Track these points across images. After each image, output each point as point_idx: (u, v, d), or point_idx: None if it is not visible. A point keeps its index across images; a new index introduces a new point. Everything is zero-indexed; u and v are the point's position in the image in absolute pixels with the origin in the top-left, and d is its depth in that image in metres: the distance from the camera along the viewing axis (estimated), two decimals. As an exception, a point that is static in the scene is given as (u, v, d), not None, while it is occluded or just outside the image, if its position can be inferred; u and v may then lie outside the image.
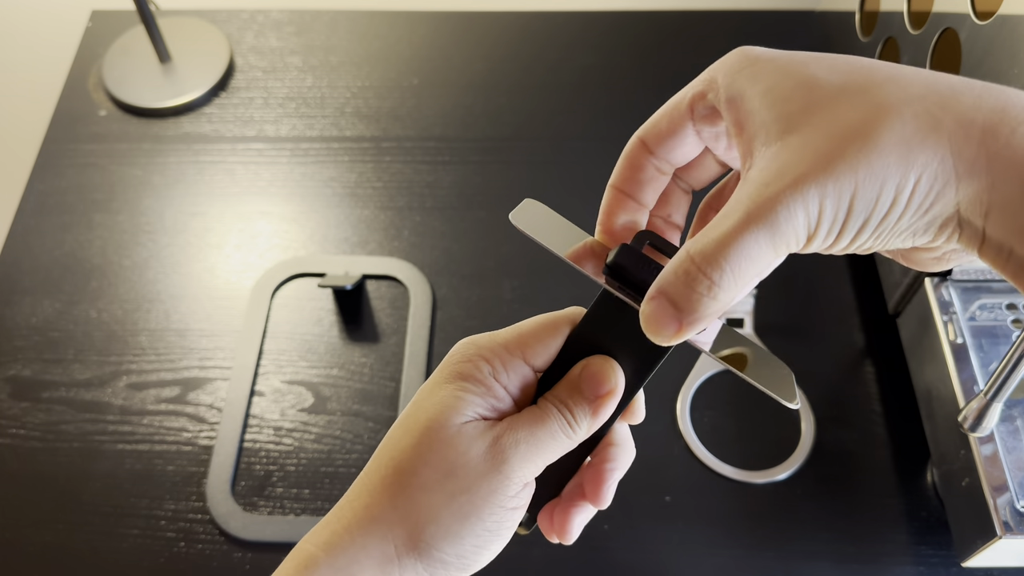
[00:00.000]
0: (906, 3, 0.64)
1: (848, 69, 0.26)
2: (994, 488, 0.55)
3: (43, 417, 0.70)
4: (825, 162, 0.24)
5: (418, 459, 0.31)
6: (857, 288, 0.75)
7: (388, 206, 0.81)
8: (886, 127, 0.24)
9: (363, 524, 0.31)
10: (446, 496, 0.31)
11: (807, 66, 0.27)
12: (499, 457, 0.31)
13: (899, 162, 0.24)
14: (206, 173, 0.84)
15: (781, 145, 0.25)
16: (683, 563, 0.63)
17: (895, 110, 0.24)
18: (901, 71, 0.26)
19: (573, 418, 0.32)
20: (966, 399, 0.58)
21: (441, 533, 0.31)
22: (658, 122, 0.31)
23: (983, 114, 0.24)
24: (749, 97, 0.27)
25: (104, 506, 0.66)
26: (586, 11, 0.95)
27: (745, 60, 0.28)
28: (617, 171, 0.33)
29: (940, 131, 0.24)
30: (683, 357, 0.71)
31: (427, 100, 0.88)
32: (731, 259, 0.25)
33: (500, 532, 0.32)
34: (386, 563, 0.31)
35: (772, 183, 0.24)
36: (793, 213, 0.24)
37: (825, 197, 0.24)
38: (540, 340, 0.33)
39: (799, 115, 0.25)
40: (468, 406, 0.32)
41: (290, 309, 0.75)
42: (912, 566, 0.62)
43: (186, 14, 0.94)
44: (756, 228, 0.24)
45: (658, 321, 0.27)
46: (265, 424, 0.69)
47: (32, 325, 0.75)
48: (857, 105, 0.25)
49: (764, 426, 0.68)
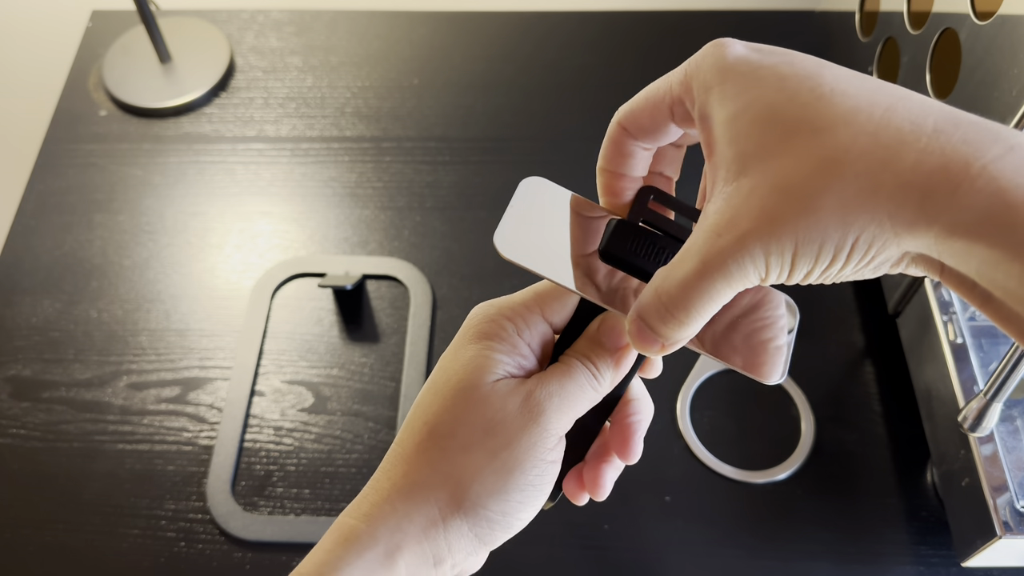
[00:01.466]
0: (906, 3, 0.64)
1: (808, 99, 0.26)
2: (994, 488, 0.55)
3: (43, 417, 0.70)
4: (768, 221, 0.26)
5: (454, 420, 0.32)
6: (857, 288, 0.75)
7: (388, 206, 0.81)
8: (827, 190, 0.25)
9: (403, 491, 0.32)
10: (488, 453, 0.31)
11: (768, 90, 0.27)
12: (536, 410, 0.32)
13: (838, 224, 0.25)
14: (206, 173, 0.84)
15: (735, 188, 0.27)
16: (683, 563, 0.63)
17: (838, 170, 0.25)
18: (856, 107, 0.26)
19: (597, 370, 0.33)
20: (966, 399, 0.58)
21: (487, 490, 0.31)
22: (639, 115, 0.32)
23: (923, 176, 0.24)
24: (715, 123, 0.28)
25: (104, 506, 0.66)
26: (585, 11, 0.95)
27: (715, 75, 0.28)
28: (603, 155, 0.34)
29: (879, 195, 0.25)
30: (683, 357, 0.71)
31: (427, 100, 0.88)
32: (693, 302, 0.28)
33: (542, 486, 0.32)
34: (430, 527, 0.31)
35: (723, 234, 0.27)
36: (742, 266, 0.26)
37: (769, 254, 0.26)
38: (556, 298, 0.34)
39: (752, 157, 0.27)
40: (497, 364, 0.32)
41: (290, 309, 0.75)
42: (912, 566, 0.62)
43: (186, 14, 0.94)
44: (712, 277, 0.27)
45: (642, 341, 0.30)
46: (265, 424, 0.69)
47: (32, 325, 0.75)
48: (804, 156, 0.26)
49: (764, 426, 0.68)
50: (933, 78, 0.60)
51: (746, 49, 0.28)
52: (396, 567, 0.31)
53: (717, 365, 0.71)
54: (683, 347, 0.31)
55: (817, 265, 0.26)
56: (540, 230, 0.33)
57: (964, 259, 0.24)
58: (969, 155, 0.24)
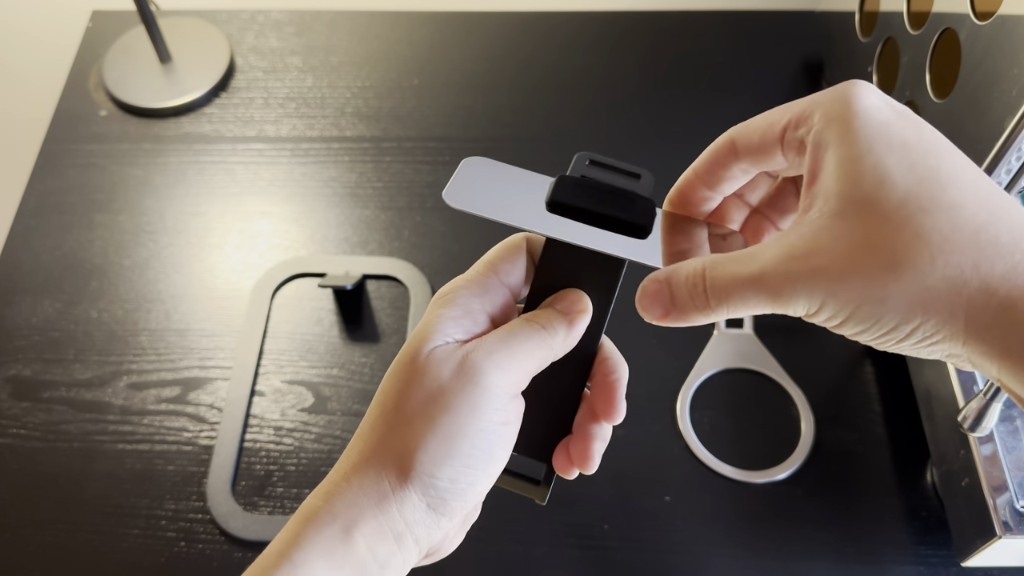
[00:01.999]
0: (906, 3, 0.64)
1: (924, 175, 0.27)
2: (994, 488, 0.55)
3: (44, 417, 0.70)
4: (846, 269, 0.26)
5: (399, 395, 0.32)
6: (857, 288, 0.75)
7: (388, 206, 0.81)
8: (913, 267, 0.25)
9: (357, 467, 0.32)
10: (428, 421, 0.31)
11: (892, 151, 0.27)
12: (472, 370, 0.31)
13: (909, 306, 0.26)
14: (207, 173, 0.84)
15: (828, 225, 0.27)
16: (683, 563, 0.63)
17: (930, 257, 0.25)
18: (964, 201, 0.26)
19: (549, 323, 0.33)
20: (966, 399, 0.58)
21: (429, 457, 0.31)
22: (751, 133, 0.32)
23: (1010, 286, 0.25)
24: (830, 156, 0.28)
25: (104, 506, 0.66)
26: (586, 11, 0.95)
27: (846, 110, 0.28)
28: (701, 160, 0.33)
29: (961, 294, 0.25)
30: (683, 357, 0.71)
31: (427, 100, 0.88)
32: (733, 301, 0.28)
33: (491, 451, 0.32)
34: (382, 500, 0.31)
35: (797, 259, 0.27)
36: (796, 298, 0.27)
37: (831, 299, 0.26)
38: (506, 258, 0.35)
39: (856, 206, 0.27)
40: (439, 332, 0.32)
41: (290, 309, 0.75)
42: (912, 566, 0.62)
43: (186, 14, 0.94)
44: (763, 292, 0.27)
45: (652, 302, 0.30)
46: (265, 424, 0.69)
47: (33, 325, 0.75)
48: (905, 226, 0.26)
49: (764, 426, 0.69)
50: (933, 78, 0.60)
51: (881, 100, 0.28)
52: (354, 542, 0.31)
53: (717, 365, 0.71)
54: (679, 351, 0.31)
55: (872, 330, 0.27)
56: (487, 190, 0.35)
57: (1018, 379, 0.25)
58: None
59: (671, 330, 0.72)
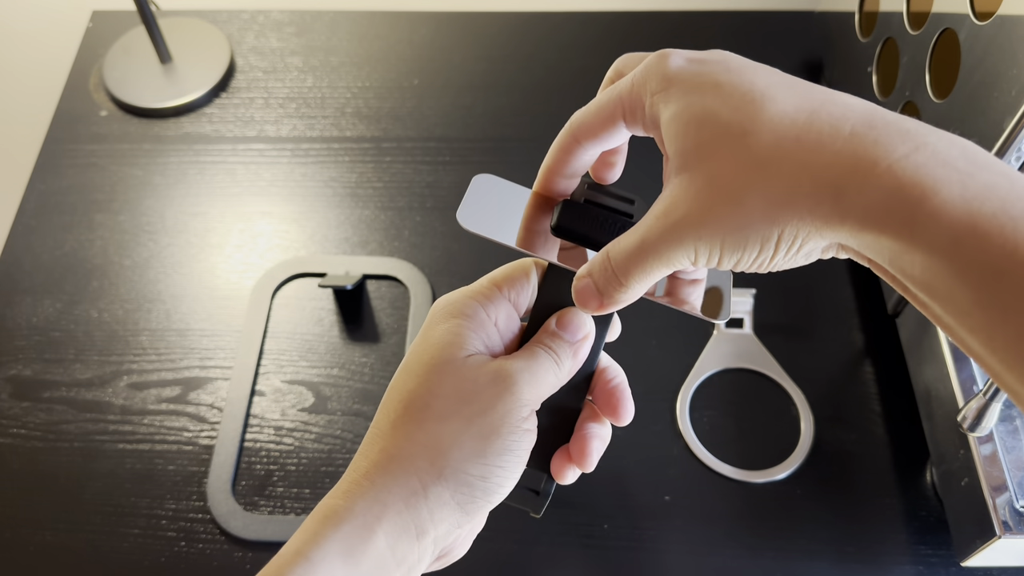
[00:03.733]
0: (906, 3, 0.64)
1: (740, 103, 0.29)
2: (993, 488, 0.55)
3: (44, 417, 0.70)
4: (700, 213, 0.29)
5: (428, 393, 0.33)
6: (857, 288, 0.75)
7: (388, 206, 0.81)
8: (753, 189, 0.28)
9: (381, 466, 0.33)
10: (464, 420, 0.33)
11: (705, 95, 0.30)
12: (508, 380, 0.33)
13: (762, 220, 0.28)
14: (207, 173, 0.84)
15: (677, 181, 0.30)
16: (683, 563, 0.63)
17: (763, 171, 0.28)
18: (783, 111, 0.28)
19: (558, 356, 0.36)
20: (965, 399, 0.58)
21: (465, 455, 0.32)
22: (592, 126, 0.34)
23: (836, 176, 0.27)
24: (664, 125, 0.31)
25: (105, 506, 0.66)
26: (586, 11, 0.95)
27: (662, 81, 0.31)
28: (552, 158, 0.36)
29: (798, 194, 0.27)
30: (683, 357, 0.71)
31: (427, 100, 0.88)
32: (635, 272, 0.31)
33: (519, 452, 0.34)
34: (411, 496, 0.32)
35: (661, 218, 0.30)
36: (675, 252, 0.30)
37: (699, 242, 0.29)
38: (515, 279, 0.37)
39: (691, 155, 0.29)
40: (468, 340, 0.34)
41: (291, 309, 0.75)
42: (912, 566, 0.62)
43: (187, 14, 0.94)
44: (649, 257, 0.30)
45: (585, 297, 0.33)
46: (266, 424, 0.69)
47: (33, 325, 0.75)
48: (735, 156, 0.28)
49: (764, 426, 0.69)
50: (932, 78, 0.60)
51: (685, 60, 0.31)
52: (375, 537, 0.31)
53: (717, 365, 0.71)
54: (679, 352, 0.32)
55: (745, 254, 0.29)
56: (496, 212, 0.37)
57: (877, 250, 0.27)
58: (878, 155, 0.26)
59: (671, 330, 0.72)
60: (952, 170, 0.25)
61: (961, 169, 0.25)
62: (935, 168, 0.26)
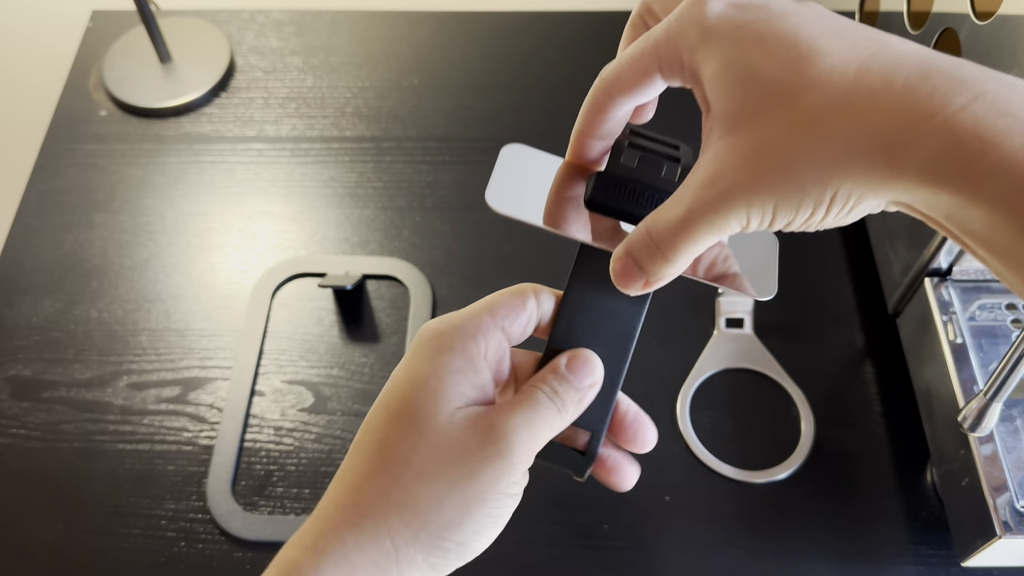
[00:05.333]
0: (906, 3, 0.64)
1: (785, 60, 0.27)
2: (994, 488, 0.55)
3: (43, 417, 0.70)
4: (750, 178, 0.27)
5: (410, 448, 0.31)
6: (857, 288, 0.75)
7: (388, 206, 0.81)
8: (804, 150, 0.27)
9: (352, 522, 0.31)
10: (446, 483, 0.30)
11: (748, 50, 0.28)
12: (501, 443, 0.31)
13: (815, 181, 0.27)
14: (207, 173, 0.84)
15: (723, 144, 0.28)
16: (683, 563, 0.63)
17: (814, 132, 0.26)
18: (831, 66, 0.27)
19: (563, 403, 0.33)
20: (966, 399, 0.58)
21: (444, 521, 0.30)
22: (627, 81, 0.32)
23: (892, 134, 0.25)
24: (706, 83, 0.29)
25: (104, 506, 0.66)
26: (586, 11, 0.95)
27: (700, 33, 0.29)
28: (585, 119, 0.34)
29: (852, 154, 0.26)
30: (683, 357, 0.71)
31: (427, 100, 0.88)
32: (683, 245, 0.29)
33: (498, 518, 0.32)
34: (382, 559, 0.30)
35: (709, 186, 0.28)
36: (725, 218, 0.28)
37: (751, 207, 0.28)
38: (511, 307, 0.34)
39: (737, 116, 0.28)
40: (455, 385, 0.32)
41: (290, 309, 0.75)
42: (912, 566, 0.62)
43: (186, 14, 0.94)
44: (697, 225, 0.29)
45: (627, 277, 0.31)
46: (265, 424, 0.69)
47: (33, 325, 0.75)
48: (784, 117, 0.27)
49: (764, 426, 0.69)
50: (933, 78, 0.60)
51: (725, 5, 0.29)
52: None
53: (717, 365, 0.71)
54: (679, 351, 0.31)
55: (798, 216, 0.28)
56: (525, 188, 0.35)
57: (934, 206, 0.26)
58: (934, 108, 0.25)
59: (671, 330, 0.72)
60: (1014, 120, 0.24)
61: (1023, 118, 0.24)
62: (995, 119, 0.24)
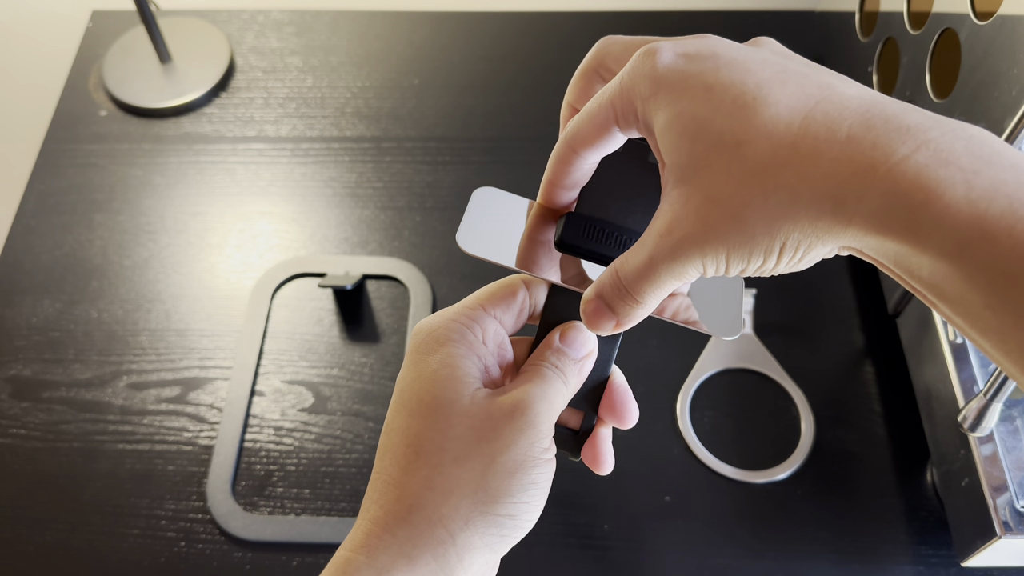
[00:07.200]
0: (906, 3, 0.64)
1: (731, 109, 0.28)
2: (994, 488, 0.55)
3: (44, 417, 0.70)
4: (703, 229, 0.28)
5: (440, 436, 0.32)
6: (857, 288, 0.75)
7: (388, 206, 0.81)
8: (752, 202, 0.27)
9: (400, 517, 0.31)
10: (486, 459, 0.31)
11: (695, 101, 0.28)
12: (528, 412, 0.32)
13: (764, 232, 0.27)
14: (207, 173, 0.84)
15: (676, 194, 0.29)
16: (683, 563, 0.63)
17: (761, 184, 0.27)
18: (777, 115, 0.27)
19: (565, 375, 0.35)
20: (966, 399, 0.58)
21: (491, 495, 0.31)
22: (587, 137, 0.33)
23: (835, 185, 0.26)
24: (657, 132, 0.30)
25: (104, 506, 0.66)
26: (586, 11, 0.95)
27: (651, 84, 0.29)
28: (554, 173, 0.35)
29: (798, 205, 0.26)
30: (683, 357, 0.71)
31: (427, 100, 0.88)
32: (648, 289, 0.30)
33: (543, 484, 0.33)
34: (439, 547, 0.31)
35: (667, 236, 0.29)
36: (683, 266, 0.29)
37: (704, 258, 0.28)
38: (503, 298, 0.35)
39: (687, 168, 0.29)
40: (467, 371, 0.33)
41: (290, 309, 0.75)
42: (912, 566, 0.62)
43: (186, 14, 0.94)
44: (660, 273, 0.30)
45: (599, 318, 0.32)
46: (265, 424, 0.69)
47: (33, 325, 0.75)
48: (731, 168, 0.27)
49: (764, 426, 0.69)
50: (933, 78, 0.60)
51: (674, 56, 0.29)
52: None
53: (717, 365, 0.71)
54: (679, 351, 0.32)
55: (751, 264, 0.28)
56: (496, 230, 0.36)
57: (883, 253, 0.26)
58: (877, 158, 0.25)
59: (671, 330, 0.72)
60: (956, 169, 0.24)
61: (966, 167, 0.24)
62: (937, 168, 0.24)
